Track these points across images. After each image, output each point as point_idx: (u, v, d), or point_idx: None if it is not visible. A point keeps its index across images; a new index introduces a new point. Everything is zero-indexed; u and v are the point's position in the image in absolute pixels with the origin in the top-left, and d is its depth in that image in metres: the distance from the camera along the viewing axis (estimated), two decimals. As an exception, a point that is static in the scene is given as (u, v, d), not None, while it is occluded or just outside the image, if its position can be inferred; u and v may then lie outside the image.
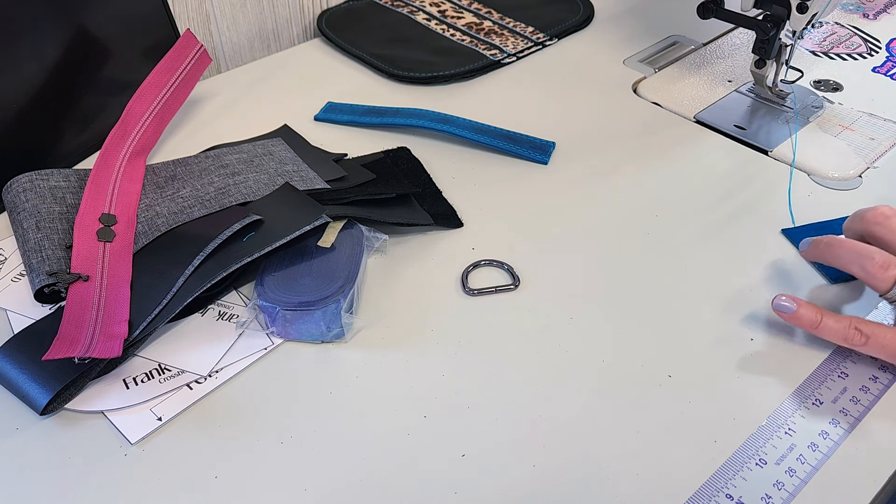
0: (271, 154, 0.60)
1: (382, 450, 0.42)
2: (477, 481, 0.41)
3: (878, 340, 0.45)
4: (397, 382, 0.46)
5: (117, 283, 0.49)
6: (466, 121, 0.65)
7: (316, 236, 0.52)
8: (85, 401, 0.45)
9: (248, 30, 0.80)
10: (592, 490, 0.41)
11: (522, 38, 0.78)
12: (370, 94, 0.71)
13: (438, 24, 0.81)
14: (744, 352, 0.48)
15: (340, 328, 0.48)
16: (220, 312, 0.50)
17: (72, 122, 0.63)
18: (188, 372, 0.46)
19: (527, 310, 0.50)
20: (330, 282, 0.48)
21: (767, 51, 0.65)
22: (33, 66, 0.59)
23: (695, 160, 0.63)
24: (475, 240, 0.56)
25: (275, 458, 0.42)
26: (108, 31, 0.63)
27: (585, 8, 0.83)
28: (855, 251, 0.47)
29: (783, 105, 0.69)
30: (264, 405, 0.45)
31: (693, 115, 0.68)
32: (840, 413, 0.44)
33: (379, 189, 0.57)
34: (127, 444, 0.43)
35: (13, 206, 0.54)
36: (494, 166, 0.63)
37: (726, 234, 0.56)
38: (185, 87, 0.65)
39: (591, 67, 0.75)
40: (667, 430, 0.43)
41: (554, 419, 0.44)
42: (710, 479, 0.41)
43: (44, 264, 0.49)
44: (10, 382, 0.45)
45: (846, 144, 0.64)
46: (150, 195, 0.56)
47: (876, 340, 0.45)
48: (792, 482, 0.41)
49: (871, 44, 0.78)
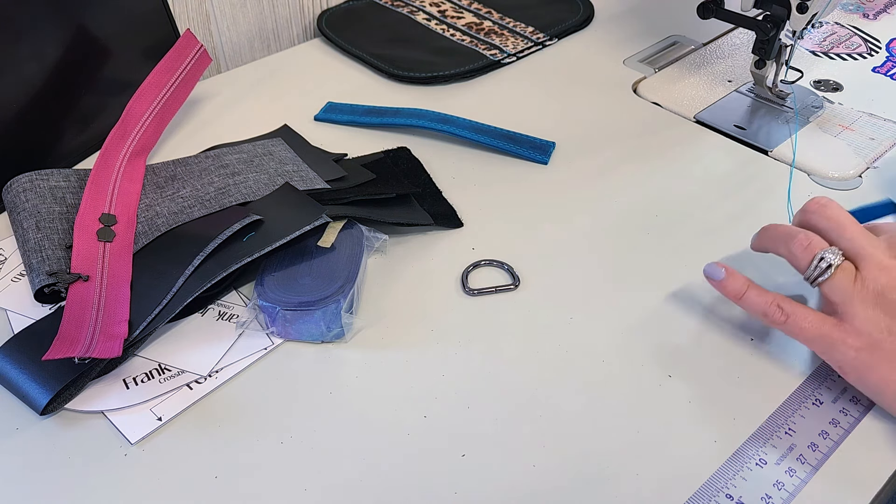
0: (271, 154, 0.60)
1: (382, 450, 0.42)
2: (477, 481, 0.41)
3: (797, 321, 0.44)
4: (397, 382, 0.46)
5: (117, 283, 0.49)
6: (466, 121, 0.66)
7: (316, 236, 0.52)
8: (85, 401, 0.44)
9: (248, 30, 0.80)
10: (592, 490, 0.41)
11: (522, 38, 0.78)
12: (370, 94, 0.71)
13: (438, 24, 0.81)
14: (744, 352, 0.48)
15: (340, 328, 0.48)
16: (220, 312, 0.50)
17: (72, 122, 0.63)
18: (188, 372, 0.46)
19: (527, 310, 0.50)
20: (330, 282, 0.48)
21: (767, 51, 0.65)
22: (33, 66, 0.59)
23: (695, 160, 0.63)
24: (475, 240, 0.56)
25: (275, 458, 0.42)
26: (108, 31, 0.63)
27: (585, 8, 0.83)
28: (781, 233, 0.47)
29: (783, 105, 0.69)
30: (264, 405, 0.45)
31: (693, 115, 0.68)
32: (840, 413, 0.44)
33: (379, 189, 0.57)
34: (127, 444, 0.43)
35: (13, 206, 0.54)
36: (494, 166, 0.63)
37: (726, 233, 0.56)
38: (185, 87, 0.65)
39: (591, 67, 0.75)
40: (667, 430, 0.43)
41: (554, 419, 0.44)
42: (710, 479, 0.41)
43: (44, 264, 0.49)
44: (10, 382, 0.45)
45: (846, 144, 0.64)
46: (150, 195, 0.56)
47: (795, 321, 0.44)
48: (792, 482, 0.41)
49: (871, 44, 0.78)
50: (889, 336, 0.42)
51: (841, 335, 0.43)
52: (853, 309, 0.43)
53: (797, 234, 0.46)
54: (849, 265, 0.44)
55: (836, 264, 0.43)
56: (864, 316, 0.42)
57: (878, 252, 0.44)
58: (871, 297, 0.42)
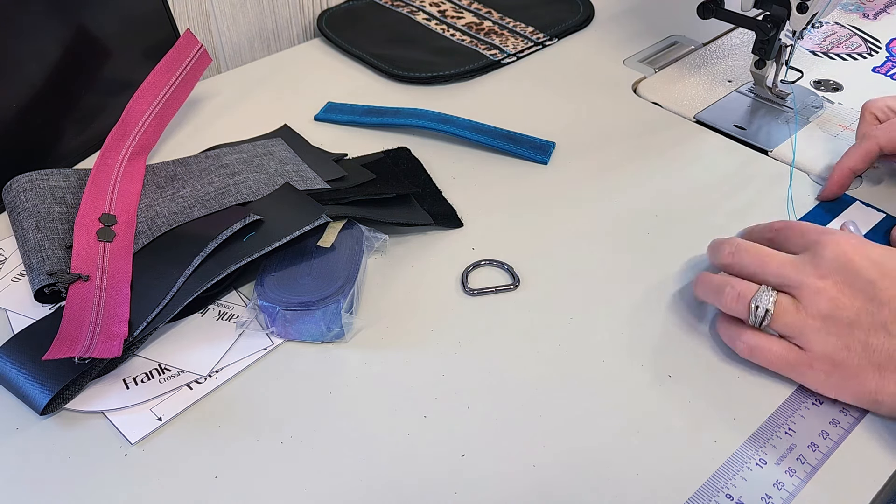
0: (271, 154, 0.60)
1: (382, 450, 0.42)
2: (477, 481, 0.41)
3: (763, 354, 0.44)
4: (397, 382, 0.46)
5: (117, 283, 0.49)
6: (466, 121, 0.66)
7: (316, 236, 0.52)
8: (85, 401, 0.44)
9: (248, 30, 0.80)
10: (592, 490, 0.41)
11: (522, 38, 0.78)
12: (370, 94, 0.71)
13: (438, 24, 0.81)
14: (744, 352, 0.48)
15: (340, 328, 0.48)
16: (220, 312, 0.50)
17: (72, 122, 0.63)
18: (188, 372, 0.46)
19: (527, 310, 0.50)
20: (330, 282, 0.48)
21: (767, 51, 0.65)
22: (33, 66, 0.59)
23: (695, 160, 0.63)
24: (475, 240, 0.56)
25: (275, 458, 0.42)
26: (108, 31, 0.63)
27: (585, 8, 0.83)
28: (712, 287, 0.47)
29: (783, 105, 0.69)
30: (264, 405, 0.45)
31: (693, 115, 0.68)
32: (840, 413, 0.44)
33: (379, 189, 0.57)
34: (127, 444, 0.43)
35: (13, 206, 0.54)
36: (494, 166, 0.63)
37: (726, 234, 0.56)
38: (185, 87, 0.65)
39: (591, 67, 0.75)
40: (667, 430, 0.43)
41: (554, 419, 0.44)
42: (710, 479, 0.41)
43: (44, 264, 0.49)
44: (10, 382, 0.45)
45: (846, 144, 0.64)
46: (150, 195, 0.56)
47: (761, 354, 0.45)
48: (792, 482, 0.41)
49: (871, 44, 0.78)
50: (848, 353, 0.42)
51: (807, 362, 0.43)
52: (807, 339, 0.43)
53: (724, 288, 0.46)
54: (785, 299, 0.44)
55: (771, 307, 0.44)
56: (819, 341, 0.43)
57: (807, 277, 0.43)
58: (818, 324, 0.43)
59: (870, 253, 0.43)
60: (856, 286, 0.42)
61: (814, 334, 0.43)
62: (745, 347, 0.45)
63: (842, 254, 0.43)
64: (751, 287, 0.45)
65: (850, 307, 0.42)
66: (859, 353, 0.42)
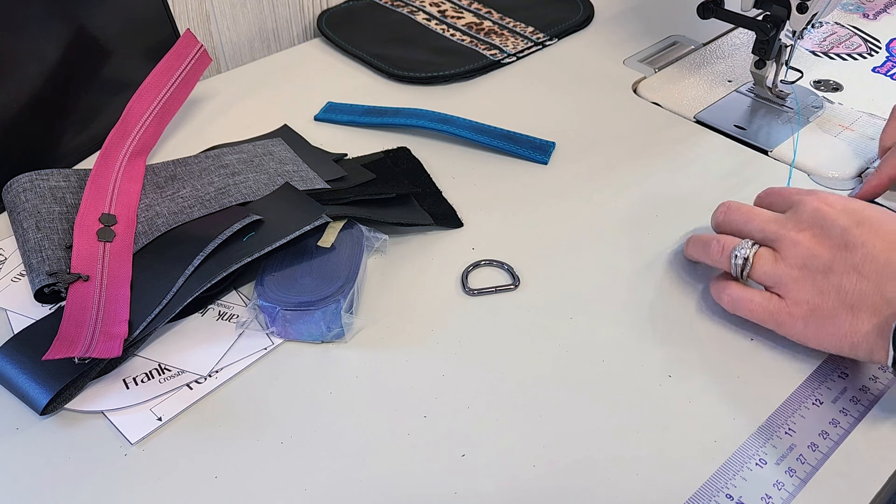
0: (271, 154, 0.60)
1: (382, 449, 0.42)
2: (477, 481, 0.41)
3: (745, 305, 0.47)
4: (397, 382, 0.46)
5: (117, 283, 0.49)
6: (466, 121, 0.66)
7: (316, 236, 0.52)
8: (85, 401, 0.44)
9: (248, 30, 0.80)
10: (592, 490, 0.41)
11: (522, 38, 0.78)
12: (370, 94, 0.71)
13: (438, 24, 0.81)
14: (744, 352, 0.48)
15: (340, 328, 0.48)
16: (220, 312, 0.50)
17: (72, 122, 0.63)
18: (188, 372, 0.46)
19: (527, 310, 0.50)
20: (330, 282, 0.48)
21: (767, 51, 0.65)
22: (33, 66, 0.59)
23: (695, 160, 0.63)
24: (475, 240, 0.56)
25: (275, 458, 0.42)
26: (108, 31, 0.63)
27: (585, 8, 0.83)
28: (699, 244, 0.51)
29: (783, 105, 0.69)
30: (264, 405, 0.45)
31: (693, 115, 0.68)
32: (840, 413, 0.44)
33: (379, 189, 0.57)
34: (127, 444, 0.43)
35: (13, 206, 0.54)
36: (494, 166, 0.63)
37: (726, 234, 0.56)
38: (185, 87, 0.65)
39: (591, 67, 0.75)
40: (667, 430, 0.43)
41: (554, 419, 0.44)
42: (710, 479, 0.41)
43: (44, 264, 0.49)
44: (10, 382, 0.45)
45: (846, 144, 0.64)
46: (150, 195, 0.56)
47: (743, 305, 0.47)
48: (792, 482, 0.41)
49: (871, 44, 0.78)
50: (823, 297, 0.44)
51: (786, 310, 0.45)
52: (785, 287, 0.45)
53: (710, 242, 0.50)
54: (765, 250, 0.47)
55: (750, 255, 0.47)
56: (796, 289, 0.45)
57: (786, 230, 0.46)
58: (796, 272, 0.45)
59: (846, 205, 0.46)
60: (831, 235, 0.45)
61: (792, 283, 0.45)
62: (728, 300, 0.48)
63: (819, 208, 0.46)
64: (734, 240, 0.48)
65: (825, 255, 0.44)
66: (833, 297, 0.44)
